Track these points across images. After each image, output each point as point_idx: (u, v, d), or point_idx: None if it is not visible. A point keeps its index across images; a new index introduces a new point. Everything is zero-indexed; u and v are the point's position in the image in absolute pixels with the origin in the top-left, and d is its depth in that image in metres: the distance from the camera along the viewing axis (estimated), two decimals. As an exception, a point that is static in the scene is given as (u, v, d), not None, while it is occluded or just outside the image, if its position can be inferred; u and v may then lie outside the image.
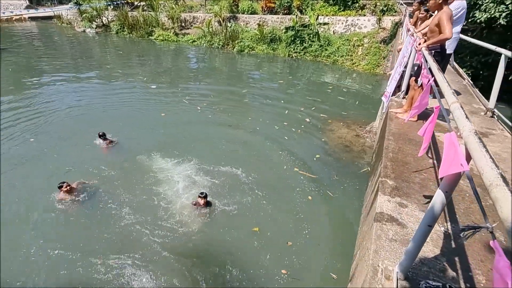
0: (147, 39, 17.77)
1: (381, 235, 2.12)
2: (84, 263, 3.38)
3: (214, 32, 15.94)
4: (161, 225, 3.92)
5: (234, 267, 3.39)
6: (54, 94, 8.60)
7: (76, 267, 3.34)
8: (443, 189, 1.37)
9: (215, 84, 10.33)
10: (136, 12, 18.94)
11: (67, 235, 3.79)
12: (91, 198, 4.40)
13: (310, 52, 13.47)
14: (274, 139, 6.25)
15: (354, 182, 4.88)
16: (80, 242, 3.68)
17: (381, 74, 11.55)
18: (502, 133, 3.78)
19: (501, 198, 0.83)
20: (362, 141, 6.23)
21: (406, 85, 4.73)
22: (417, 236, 1.55)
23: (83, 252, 3.53)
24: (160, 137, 6.20)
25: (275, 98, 8.94)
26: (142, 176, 4.89)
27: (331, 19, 14.21)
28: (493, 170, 0.95)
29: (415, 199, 2.47)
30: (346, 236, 3.74)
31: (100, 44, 17.06)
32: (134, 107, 7.82)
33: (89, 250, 3.56)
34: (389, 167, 2.91)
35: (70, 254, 3.50)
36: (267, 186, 4.73)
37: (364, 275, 1.99)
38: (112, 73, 11.21)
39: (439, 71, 2.33)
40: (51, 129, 6.43)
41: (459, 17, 4.28)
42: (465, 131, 1.27)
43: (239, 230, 3.92)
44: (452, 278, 1.76)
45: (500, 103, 8.02)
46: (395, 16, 13.22)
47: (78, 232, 3.84)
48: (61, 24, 23.03)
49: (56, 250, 3.54)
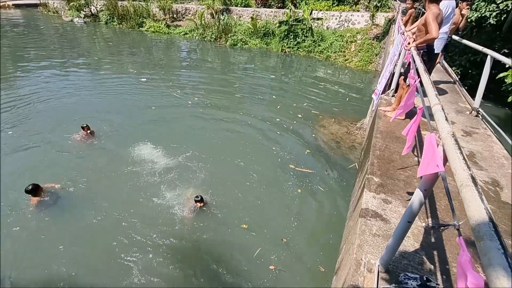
0: (138, 30, 17.41)
1: (365, 230, 2.20)
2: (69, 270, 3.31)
3: (206, 25, 15.72)
4: (151, 224, 3.91)
5: (223, 264, 3.45)
6: (38, 85, 8.39)
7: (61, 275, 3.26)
8: (421, 188, 1.44)
9: (206, 78, 10.25)
10: (126, 2, 18.47)
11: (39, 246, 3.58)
12: (65, 202, 4.17)
13: (303, 48, 13.47)
14: (266, 134, 6.30)
15: (344, 178, 4.98)
16: (56, 252, 3.48)
17: (373, 71, 11.66)
18: (485, 132, 3.92)
19: (469, 198, 0.90)
20: (353, 137, 6.33)
21: (396, 83, 4.82)
22: (397, 231, 1.62)
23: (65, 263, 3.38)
24: (149, 130, 6.16)
25: (268, 93, 8.96)
26: (128, 172, 4.83)
27: (325, 14, 14.20)
28: (465, 172, 1.01)
29: (399, 196, 2.56)
30: (335, 230, 3.84)
31: (88, 34, 16.62)
32: (123, 99, 7.73)
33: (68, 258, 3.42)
34: (376, 164, 3.00)
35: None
36: (258, 181, 4.79)
37: (348, 268, 2.08)
38: (100, 65, 11.00)
39: (425, 72, 2.40)
40: (32, 122, 6.31)
41: (447, 17, 4.35)
42: (443, 133, 1.33)
43: (229, 226, 3.97)
44: (429, 270, 1.86)
45: (486, 101, 8.29)
46: (388, 12, 13.30)
47: (53, 243, 3.61)
48: (47, 12, 22.30)
49: (27, 260, 3.38)
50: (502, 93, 7.49)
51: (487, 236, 0.75)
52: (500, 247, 0.72)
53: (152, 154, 5.30)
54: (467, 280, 0.74)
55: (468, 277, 0.74)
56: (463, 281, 0.79)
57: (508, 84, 7.15)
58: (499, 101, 8.16)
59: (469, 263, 0.80)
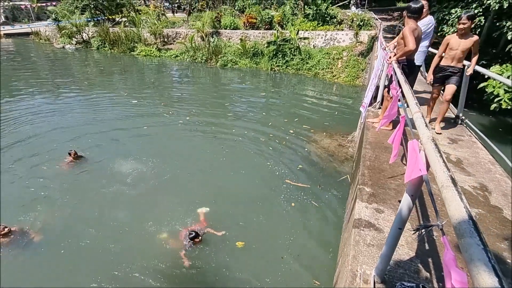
0: (129, 54, 17.72)
1: (359, 240, 2.19)
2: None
3: (197, 47, 16.13)
4: (143, 250, 3.81)
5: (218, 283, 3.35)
6: (27, 110, 8.34)
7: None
8: (408, 193, 1.46)
9: (198, 97, 10.38)
10: (117, 28, 18.92)
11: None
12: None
13: (292, 66, 13.87)
14: (259, 150, 6.32)
15: (338, 190, 4.99)
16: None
17: (360, 86, 12.01)
18: (470, 139, 4.03)
19: (449, 198, 0.92)
20: (345, 150, 6.41)
21: (381, 95, 4.98)
22: (390, 239, 1.63)
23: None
24: (140, 151, 6.11)
25: (259, 110, 9.09)
26: (119, 195, 4.73)
27: (311, 34, 14.77)
28: (444, 173, 1.04)
29: (390, 205, 2.58)
30: (331, 244, 3.79)
31: (80, 60, 16.82)
32: (113, 121, 7.72)
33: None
34: (366, 174, 3.03)
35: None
36: (253, 197, 4.75)
37: (344, 281, 2.04)
38: (91, 88, 11.06)
39: (406, 83, 2.50)
40: (18, 148, 6.21)
41: (428, 33, 4.60)
42: (424, 138, 1.38)
43: (224, 244, 3.89)
44: (425, 278, 1.84)
45: (471, 110, 8.58)
46: (371, 30, 13.94)
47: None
48: (39, 40, 22.58)
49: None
50: (485, 102, 7.78)
51: (467, 233, 0.77)
52: (480, 243, 0.73)
53: (143, 174, 5.25)
54: (451, 277, 0.75)
55: (452, 275, 0.75)
56: (449, 279, 0.79)
57: (488, 93, 7.47)
58: (482, 110, 8.45)
59: (452, 261, 0.81)
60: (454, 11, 9.32)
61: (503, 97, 7.07)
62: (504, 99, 7.05)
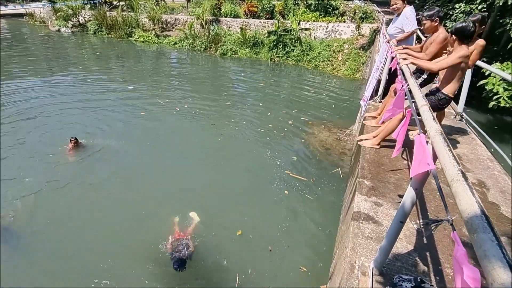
0: (127, 40, 17.34)
1: (358, 233, 2.19)
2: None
3: (196, 35, 15.82)
4: (141, 240, 3.81)
5: (215, 271, 3.36)
6: (22, 96, 8.16)
7: None
8: (413, 187, 1.45)
9: (196, 86, 10.24)
10: (115, 12, 18.43)
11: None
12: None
13: (292, 57, 13.70)
14: (258, 141, 6.29)
15: (334, 183, 5.00)
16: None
17: (360, 79, 11.94)
18: (470, 136, 4.04)
19: (460, 192, 0.90)
20: (343, 144, 6.40)
21: (382, 90, 4.94)
22: (390, 232, 1.62)
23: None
24: (137, 141, 6.04)
25: (258, 100, 9.01)
26: (112, 187, 4.67)
27: (312, 25, 14.55)
28: (454, 167, 1.02)
29: (390, 198, 2.58)
30: (327, 236, 3.81)
31: (76, 44, 16.43)
32: (110, 108, 7.60)
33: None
34: (366, 168, 3.02)
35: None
36: (250, 189, 4.75)
37: (342, 272, 2.05)
38: (88, 74, 10.84)
39: (412, 76, 2.46)
40: (13, 133, 6.08)
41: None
42: (432, 132, 1.35)
43: (221, 234, 3.89)
44: (423, 272, 1.85)
45: (470, 108, 8.59)
46: (373, 23, 13.76)
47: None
48: (33, 22, 21.94)
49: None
50: (484, 100, 7.79)
51: (480, 228, 0.75)
52: (494, 238, 0.72)
53: (139, 163, 5.20)
54: (463, 272, 0.74)
55: (464, 270, 0.73)
56: (459, 275, 0.78)
57: (488, 91, 7.47)
58: (481, 107, 8.47)
59: (464, 256, 0.80)
60: (458, 6, 9.21)
61: (502, 95, 7.09)
62: (503, 97, 7.06)
